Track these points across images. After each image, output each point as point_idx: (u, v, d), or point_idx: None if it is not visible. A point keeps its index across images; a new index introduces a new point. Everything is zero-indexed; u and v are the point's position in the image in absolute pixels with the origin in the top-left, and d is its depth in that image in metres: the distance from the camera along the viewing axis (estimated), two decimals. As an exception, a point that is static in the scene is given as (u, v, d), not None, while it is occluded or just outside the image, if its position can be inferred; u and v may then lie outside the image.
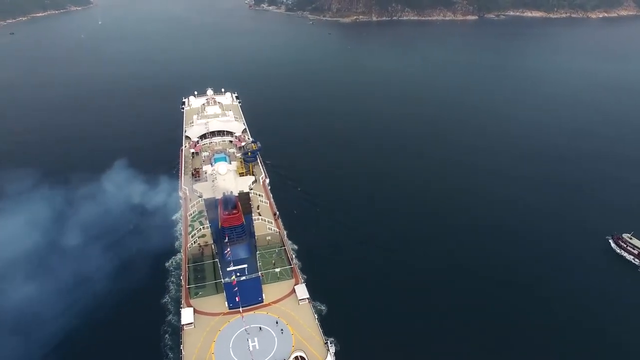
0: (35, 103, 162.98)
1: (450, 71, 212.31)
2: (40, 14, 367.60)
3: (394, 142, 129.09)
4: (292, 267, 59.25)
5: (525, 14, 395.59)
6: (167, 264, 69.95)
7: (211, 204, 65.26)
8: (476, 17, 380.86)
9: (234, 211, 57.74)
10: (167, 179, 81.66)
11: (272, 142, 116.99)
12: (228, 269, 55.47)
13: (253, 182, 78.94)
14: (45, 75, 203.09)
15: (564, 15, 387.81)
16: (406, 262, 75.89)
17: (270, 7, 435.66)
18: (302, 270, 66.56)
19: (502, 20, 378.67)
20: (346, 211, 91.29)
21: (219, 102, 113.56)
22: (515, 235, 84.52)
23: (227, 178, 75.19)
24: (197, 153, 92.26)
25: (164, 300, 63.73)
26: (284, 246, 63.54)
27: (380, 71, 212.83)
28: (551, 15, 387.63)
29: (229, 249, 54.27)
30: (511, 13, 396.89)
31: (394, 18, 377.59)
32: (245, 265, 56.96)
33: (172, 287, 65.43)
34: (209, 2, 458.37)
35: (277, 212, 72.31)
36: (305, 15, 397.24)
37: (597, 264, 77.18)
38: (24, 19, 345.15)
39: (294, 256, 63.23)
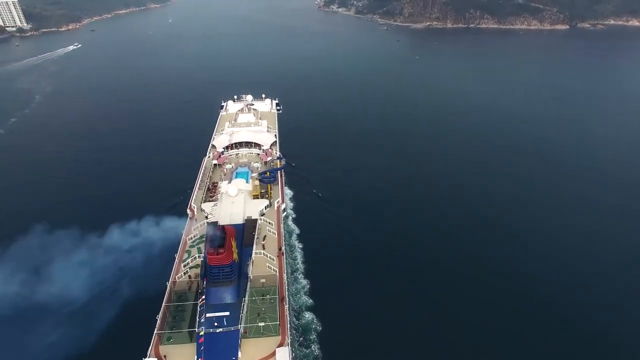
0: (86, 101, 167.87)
1: (533, 94, 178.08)
2: (122, 12, 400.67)
3: (473, 179, 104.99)
4: (280, 323, 49.88)
5: (630, 23, 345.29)
6: None
7: (212, 230, 58.26)
8: (567, 27, 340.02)
9: (221, 250, 49.79)
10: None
11: (313, 158, 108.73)
12: (207, 316, 47.89)
13: (266, 207, 70.61)
14: (108, 69, 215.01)
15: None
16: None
17: (340, 9, 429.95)
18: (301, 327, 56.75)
19: (600, 30, 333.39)
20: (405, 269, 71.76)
21: (254, 110, 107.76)
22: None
23: (236, 201, 68.02)
24: (219, 165, 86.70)
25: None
26: (280, 294, 54.30)
27: (450, 90, 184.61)
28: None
29: (203, 297, 46.40)
30: (612, 22, 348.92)
31: (471, 25, 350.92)
32: (227, 313, 48.82)
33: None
34: (279, 2, 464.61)
35: (283, 248, 63.28)
36: (375, 19, 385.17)
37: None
38: (108, 16, 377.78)
39: (287, 308, 53.54)
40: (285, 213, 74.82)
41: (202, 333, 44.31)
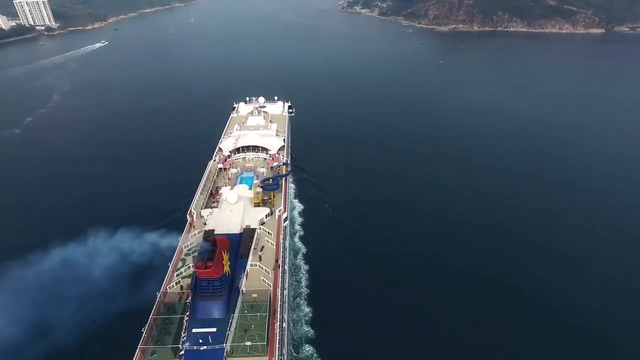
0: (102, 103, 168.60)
1: (568, 107, 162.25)
2: (147, 10, 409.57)
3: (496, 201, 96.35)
4: (269, 342, 46.97)
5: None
6: None
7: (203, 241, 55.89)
8: (602, 31, 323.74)
9: (209, 263, 47.27)
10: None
11: (326, 165, 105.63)
12: (191, 331, 45.50)
13: (267, 216, 67.84)
14: (125, 69, 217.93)
15: None
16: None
17: (363, 10, 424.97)
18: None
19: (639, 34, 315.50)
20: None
21: (264, 112, 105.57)
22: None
23: (235, 209, 65.56)
24: (225, 169, 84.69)
25: None
26: (272, 310, 51.34)
27: (472, 96, 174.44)
28: None
29: (187, 314, 43.99)
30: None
31: (499, 29, 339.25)
32: (214, 330, 46.24)
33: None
34: (303, 2, 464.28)
35: (280, 260, 60.28)
36: (399, 20, 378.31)
37: None
38: (133, 14, 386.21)
39: (277, 326, 50.52)
40: (286, 223, 71.80)
41: (182, 352, 41.86)
